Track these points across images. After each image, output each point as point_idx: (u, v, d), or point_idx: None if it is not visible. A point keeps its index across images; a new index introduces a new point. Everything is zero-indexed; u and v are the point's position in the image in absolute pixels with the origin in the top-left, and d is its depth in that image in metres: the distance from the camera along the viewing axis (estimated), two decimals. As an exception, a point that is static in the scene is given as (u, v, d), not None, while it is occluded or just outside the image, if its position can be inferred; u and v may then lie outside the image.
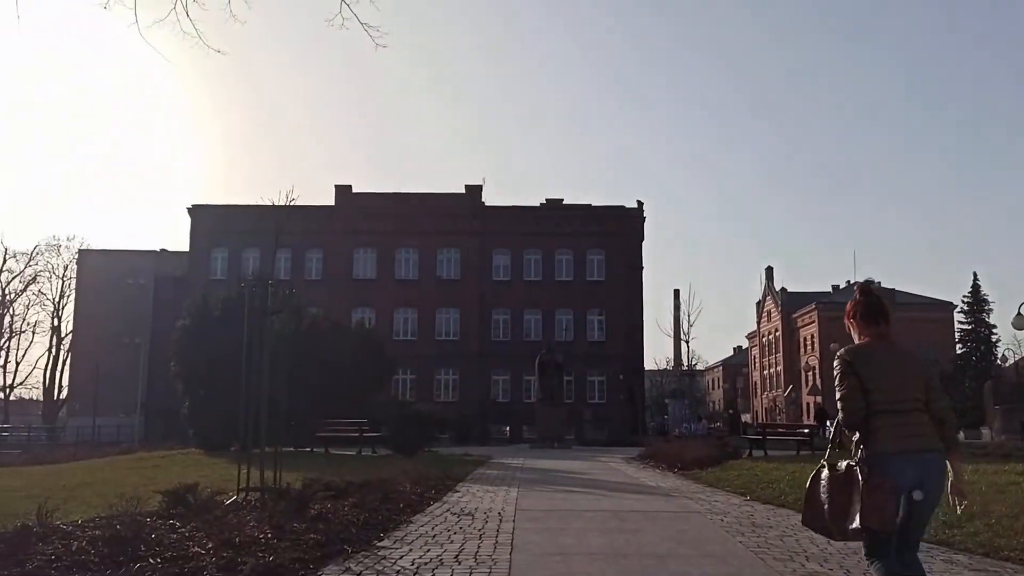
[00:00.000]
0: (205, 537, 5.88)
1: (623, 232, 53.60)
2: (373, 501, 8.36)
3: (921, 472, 3.82)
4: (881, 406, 3.90)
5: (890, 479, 3.73)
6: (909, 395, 3.96)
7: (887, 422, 3.88)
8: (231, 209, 51.91)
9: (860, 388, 3.93)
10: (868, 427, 3.89)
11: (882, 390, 3.93)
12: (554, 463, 18.12)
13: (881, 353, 4.06)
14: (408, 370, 48.14)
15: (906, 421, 3.89)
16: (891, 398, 3.92)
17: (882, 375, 3.97)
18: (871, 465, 3.80)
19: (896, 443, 3.84)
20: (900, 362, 4.06)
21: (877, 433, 3.87)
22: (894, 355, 4.07)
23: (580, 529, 7.14)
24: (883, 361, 4.02)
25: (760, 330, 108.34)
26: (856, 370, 3.97)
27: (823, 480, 4.01)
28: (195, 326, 24.34)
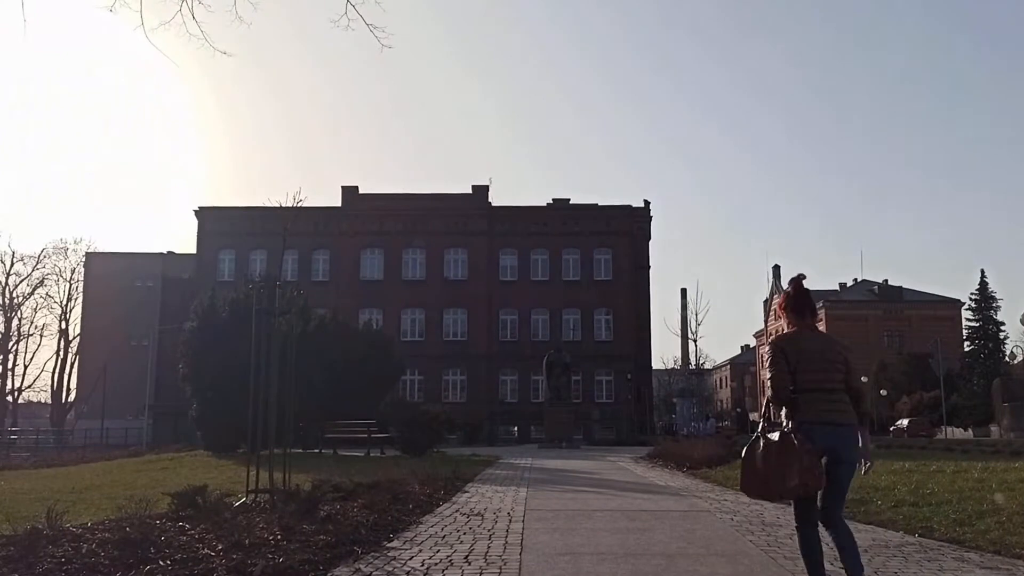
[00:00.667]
0: (215, 539, 5.88)
1: (630, 231, 53.60)
2: (382, 502, 8.35)
3: (836, 441, 4.42)
4: (808, 385, 4.51)
5: (807, 445, 4.34)
6: (831, 376, 4.58)
7: (812, 398, 4.49)
8: (238, 211, 52.07)
9: (788, 370, 4.55)
10: (795, 402, 4.48)
11: (808, 372, 4.54)
12: (563, 463, 18.10)
13: (807, 340, 4.69)
14: (416, 371, 48.19)
15: (828, 398, 4.50)
16: (815, 379, 4.54)
17: (808, 359, 4.57)
18: (798, 431, 4.40)
19: (818, 415, 4.44)
20: (823, 348, 4.68)
21: (803, 407, 4.48)
22: (818, 342, 4.71)
23: (590, 529, 7.13)
24: (809, 347, 4.63)
25: (768, 328, 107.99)
26: (786, 355, 4.58)
27: (759, 449, 4.52)
28: (203, 328, 24.38)
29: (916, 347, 69.69)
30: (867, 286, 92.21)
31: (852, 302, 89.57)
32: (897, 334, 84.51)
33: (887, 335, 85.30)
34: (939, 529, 6.91)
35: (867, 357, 76.89)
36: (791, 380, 4.52)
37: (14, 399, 66.36)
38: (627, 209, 54.18)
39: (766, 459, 4.46)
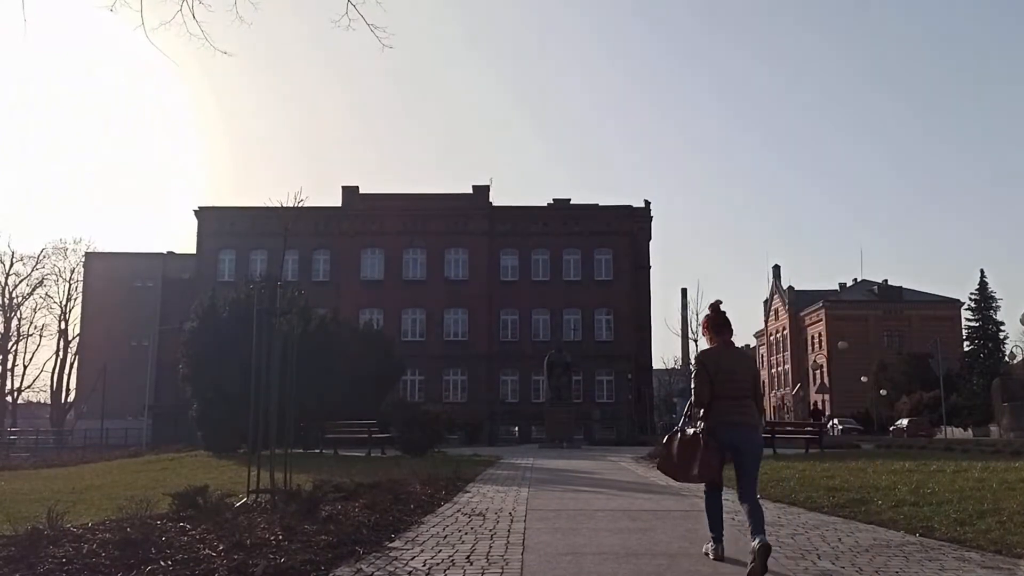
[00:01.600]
0: (216, 539, 5.88)
1: (631, 232, 53.59)
2: (384, 502, 8.35)
3: (739, 437, 5.64)
4: (722, 392, 5.66)
5: (720, 442, 5.58)
6: (740, 386, 5.71)
7: (724, 404, 5.65)
8: (238, 211, 52.08)
9: (708, 380, 5.68)
10: (711, 406, 5.65)
11: (723, 382, 5.68)
12: (564, 463, 18.09)
13: (724, 355, 5.81)
14: (416, 371, 48.19)
15: (737, 405, 5.67)
16: (728, 388, 5.68)
17: (724, 371, 5.70)
18: (710, 432, 5.61)
19: (728, 418, 5.63)
20: (737, 362, 5.82)
21: (715, 410, 5.64)
22: (733, 357, 5.84)
23: (591, 529, 7.12)
24: (725, 361, 5.76)
25: (768, 328, 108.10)
26: (707, 368, 5.72)
27: (676, 442, 5.83)
28: (203, 328, 24.38)
29: (916, 347, 69.70)
30: (867, 286, 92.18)
31: (852, 302, 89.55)
32: (897, 334, 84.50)
33: (887, 335, 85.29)
34: (940, 529, 6.91)
35: (867, 357, 76.99)
36: (708, 382, 5.68)
37: (13, 399, 66.36)
38: (627, 209, 54.17)
39: (679, 451, 5.80)
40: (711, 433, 5.63)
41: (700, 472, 5.65)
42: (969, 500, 8.39)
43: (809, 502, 9.05)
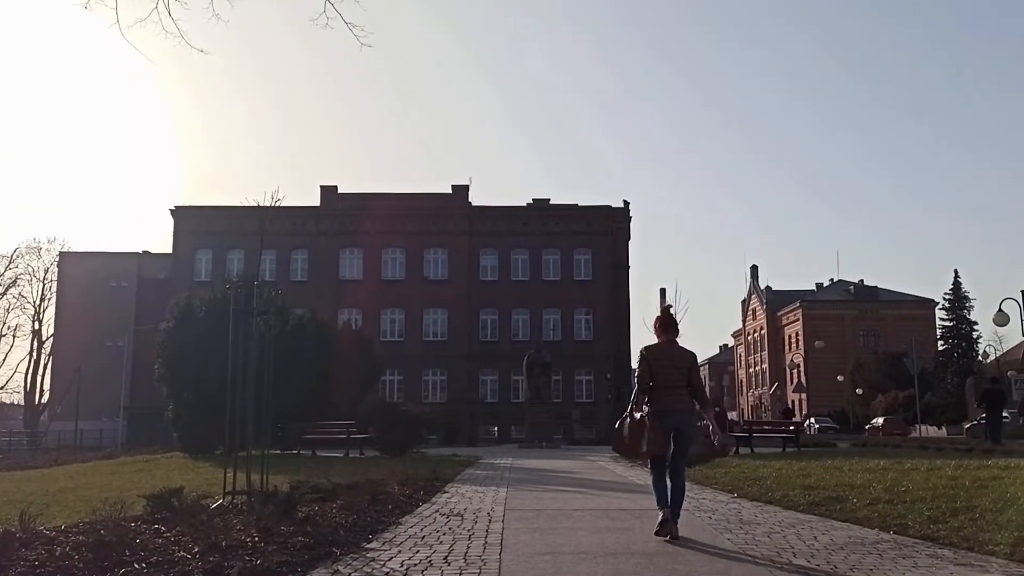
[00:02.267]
0: (191, 541, 5.83)
1: (610, 232, 53.74)
2: (361, 503, 8.32)
3: (677, 421, 6.69)
4: (661, 382, 6.69)
5: (659, 425, 6.59)
6: (677, 378, 6.73)
7: (662, 392, 6.69)
8: (215, 210, 51.70)
9: (649, 371, 6.74)
10: (652, 393, 6.69)
11: (662, 374, 6.71)
12: (543, 463, 18.11)
13: (665, 351, 6.88)
14: (395, 371, 48.08)
15: (673, 392, 6.71)
16: (666, 379, 6.70)
17: (663, 364, 6.76)
18: (652, 416, 6.63)
19: (666, 404, 6.65)
20: (676, 357, 6.84)
21: (656, 398, 6.68)
22: (673, 352, 6.87)
23: (569, 528, 7.13)
24: (665, 356, 6.83)
25: (745, 328, 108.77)
26: (648, 361, 6.79)
27: (627, 424, 6.85)
28: (179, 328, 24.14)
29: (891, 346, 70.42)
30: (843, 286, 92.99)
31: (828, 302, 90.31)
32: (872, 333, 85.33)
33: (863, 334, 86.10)
34: (913, 526, 6.97)
35: (843, 356, 77.74)
36: (651, 378, 6.73)
37: (-13, 401, 65.46)
38: (607, 209, 54.33)
39: (629, 432, 6.83)
40: (656, 416, 6.67)
41: (649, 449, 6.67)
42: (942, 498, 8.47)
43: (785, 500, 9.11)
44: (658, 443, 6.60)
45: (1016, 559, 5.58)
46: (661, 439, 6.61)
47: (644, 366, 6.84)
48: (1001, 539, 6.17)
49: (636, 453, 7.01)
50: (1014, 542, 6.03)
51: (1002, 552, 5.80)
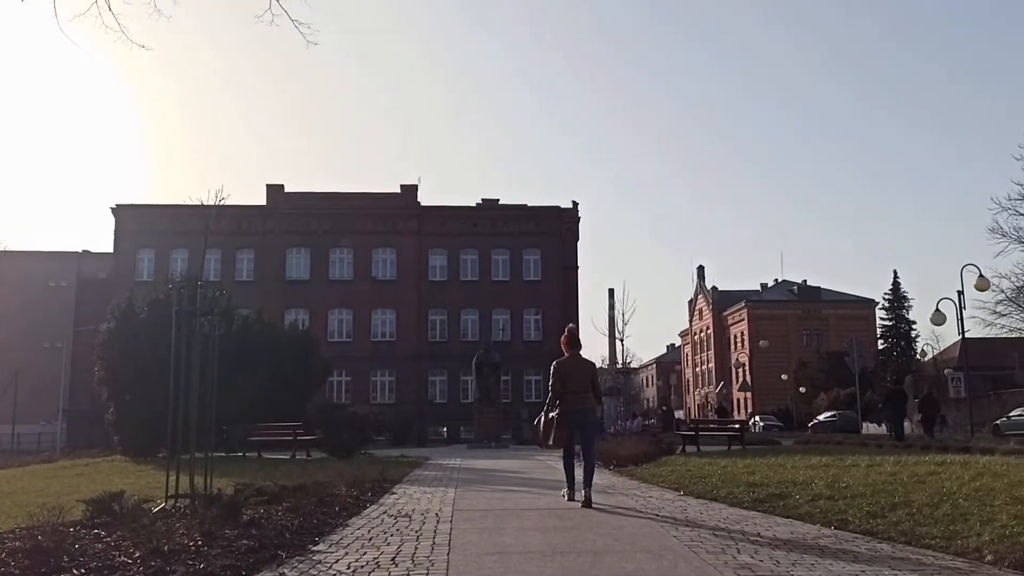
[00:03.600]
0: (132, 546, 5.71)
1: (559, 232, 53.94)
2: (308, 505, 8.23)
3: (581, 418, 8.83)
4: (570, 387, 8.78)
5: (569, 422, 8.72)
6: (582, 384, 8.83)
7: (571, 396, 8.76)
8: (158, 209, 50.74)
9: (560, 380, 8.79)
10: (562, 397, 8.78)
11: (569, 382, 8.80)
12: (492, 463, 18.12)
13: (572, 363, 8.94)
14: (343, 372, 47.70)
15: (579, 396, 8.79)
16: (573, 386, 8.80)
17: (570, 375, 8.83)
18: (560, 416, 8.76)
19: (574, 405, 8.77)
20: (580, 368, 8.95)
21: (565, 401, 8.76)
22: (579, 364, 8.97)
23: (518, 528, 7.15)
24: (572, 368, 8.90)
25: (692, 328, 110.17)
26: (559, 371, 8.85)
27: (541, 421, 9.00)
28: (120, 329, 23.64)
29: (833, 345, 71.97)
30: (787, 286, 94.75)
31: (772, 302, 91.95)
32: (815, 333, 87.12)
33: (806, 333, 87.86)
34: (853, 521, 7.13)
35: (787, 355, 79.17)
36: (561, 385, 8.80)
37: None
38: (556, 210, 54.55)
39: (543, 428, 8.96)
40: (563, 415, 8.77)
41: (555, 442, 8.84)
42: (881, 493, 8.68)
43: (730, 498, 9.25)
44: (562, 437, 8.80)
45: (951, 552, 5.75)
46: (564, 434, 8.79)
47: (556, 377, 8.86)
48: (936, 533, 6.35)
49: (545, 444, 9.02)
50: (948, 535, 6.21)
51: (937, 545, 5.98)
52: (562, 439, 8.76)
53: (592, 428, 9.01)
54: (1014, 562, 5.16)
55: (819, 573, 5.06)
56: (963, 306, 31.21)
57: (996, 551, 5.50)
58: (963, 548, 5.78)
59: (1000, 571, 5.10)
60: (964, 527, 6.46)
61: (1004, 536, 5.95)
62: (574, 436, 8.86)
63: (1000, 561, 5.28)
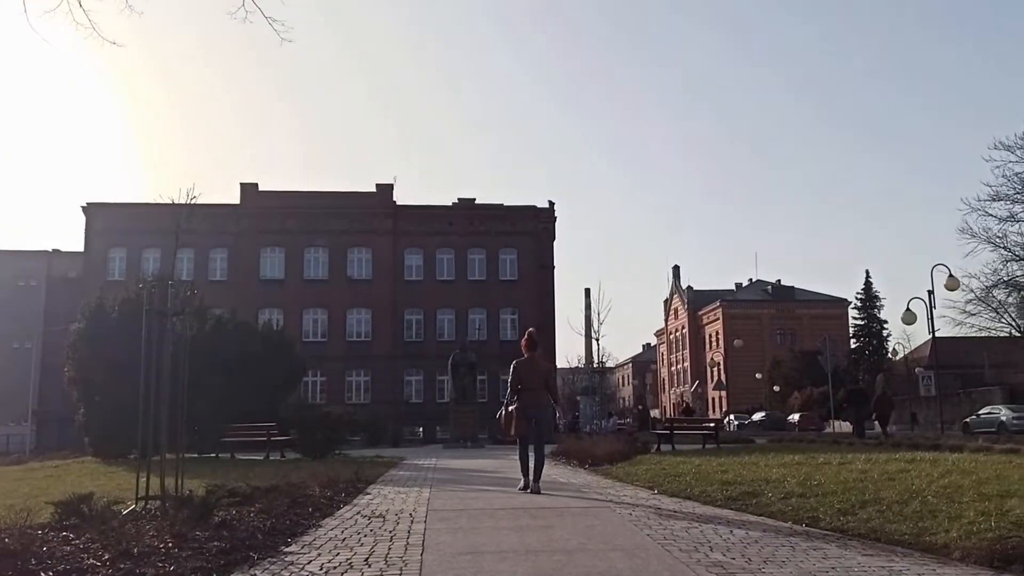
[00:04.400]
0: (101, 548, 5.63)
1: (535, 232, 54.03)
2: (280, 506, 8.16)
3: (537, 412, 9.94)
4: (527, 386, 9.93)
5: (524, 415, 9.80)
6: (537, 383, 9.97)
7: (527, 393, 9.92)
8: (129, 207, 50.18)
9: (518, 379, 9.94)
10: (520, 394, 9.89)
11: (525, 380, 9.93)
12: (467, 462, 18.10)
13: (529, 364, 10.06)
14: (318, 372, 47.48)
15: (534, 393, 9.97)
16: (530, 384, 9.94)
17: (526, 373, 9.96)
18: (519, 410, 9.83)
19: (529, 401, 9.92)
20: (535, 368, 10.02)
21: (523, 397, 9.89)
22: (534, 365, 10.06)
23: (492, 527, 7.14)
24: (528, 368, 10.02)
25: (668, 327, 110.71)
26: (517, 370, 9.99)
27: (503, 415, 10.08)
28: (90, 329, 23.38)
29: (806, 344, 72.63)
30: (761, 286, 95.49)
31: (747, 301, 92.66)
32: (789, 332, 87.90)
33: (780, 333, 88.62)
34: (825, 519, 7.19)
35: (761, 354, 79.81)
36: (519, 382, 9.96)
37: None
38: (532, 209, 54.61)
39: (505, 420, 10.09)
40: (521, 409, 9.92)
41: (515, 432, 9.99)
42: (852, 491, 8.76)
43: (704, 496, 9.29)
44: (521, 428, 9.93)
45: (919, 549, 5.81)
46: (524, 425, 9.91)
47: (514, 375, 10.05)
48: (906, 529, 6.42)
49: (507, 434, 10.12)
50: (917, 532, 6.28)
51: (906, 542, 6.04)
52: (522, 429, 9.91)
53: (546, 422, 10.37)
54: (981, 558, 5.23)
55: (790, 570, 5.10)
56: (933, 306, 31.63)
57: (963, 548, 5.57)
58: (931, 544, 5.85)
59: (967, 567, 5.17)
60: (933, 524, 6.53)
61: (971, 533, 6.02)
62: (531, 428, 9.96)
63: (967, 557, 5.34)
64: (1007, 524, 6.05)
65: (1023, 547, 5.13)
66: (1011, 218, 48.17)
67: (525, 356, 10.11)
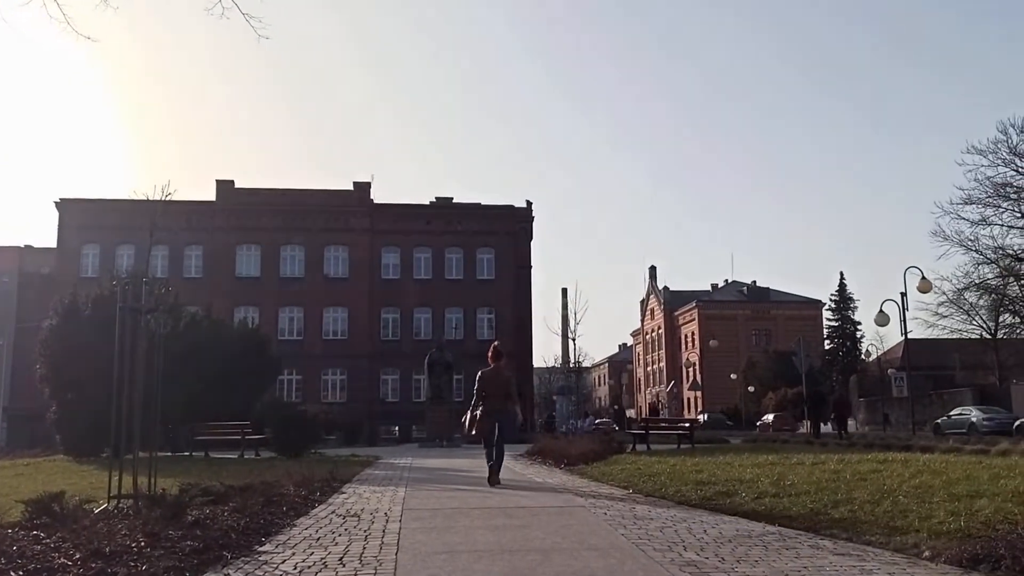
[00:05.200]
0: (72, 548, 5.57)
1: (512, 231, 54.04)
2: (254, 505, 8.11)
3: (499, 417, 11.25)
4: (491, 393, 11.31)
5: (487, 419, 11.19)
6: (498, 390, 11.34)
7: (491, 399, 11.29)
8: (103, 203, 49.65)
9: (482, 387, 11.31)
10: (485, 400, 11.26)
11: (489, 388, 11.34)
12: (442, 462, 18.10)
13: (493, 373, 11.42)
14: (294, 370, 47.22)
15: (496, 399, 11.30)
16: (493, 391, 11.33)
17: (491, 382, 11.36)
18: (483, 414, 11.21)
19: (493, 407, 11.25)
20: (498, 377, 11.38)
21: (486, 404, 11.25)
22: (498, 374, 11.43)
23: (467, 527, 7.14)
24: (492, 377, 11.39)
25: (644, 328, 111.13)
26: (482, 379, 11.38)
27: (468, 417, 11.51)
28: (63, 326, 23.09)
29: (781, 345, 73.13)
30: (737, 287, 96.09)
31: (722, 302, 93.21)
32: (764, 333, 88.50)
33: (755, 334, 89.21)
34: (797, 518, 7.26)
35: (736, 355, 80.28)
36: (483, 390, 11.28)
37: None
38: (509, 209, 54.62)
39: (470, 422, 11.46)
40: (485, 413, 11.30)
41: (478, 433, 11.42)
42: (825, 491, 8.85)
43: (678, 496, 9.35)
44: (484, 429, 11.32)
45: (890, 548, 5.88)
46: (487, 427, 11.30)
47: (479, 384, 11.46)
48: (877, 529, 6.50)
49: (470, 434, 11.67)
50: (888, 532, 6.36)
51: (877, 542, 6.11)
52: (485, 430, 11.28)
53: (507, 424, 11.64)
54: (950, 558, 5.30)
55: (763, 570, 5.14)
56: (906, 307, 31.99)
57: (933, 547, 5.64)
58: (902, 544, 5.92)
59: (937, 566, 5.23)
60: (904, 523, 6.62)
61: (941, 532, 6.11)
62: (494, 429, 11.26)
63: (937, 557, 5.41)
64: (976, 524, 6.14)
65: (991, 547, 5.20)
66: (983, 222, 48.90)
67: (491, 366, 11.54)
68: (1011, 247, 49.35)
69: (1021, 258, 49.29)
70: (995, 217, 48.86)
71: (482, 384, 11.37)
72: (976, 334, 53.11)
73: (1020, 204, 48.38)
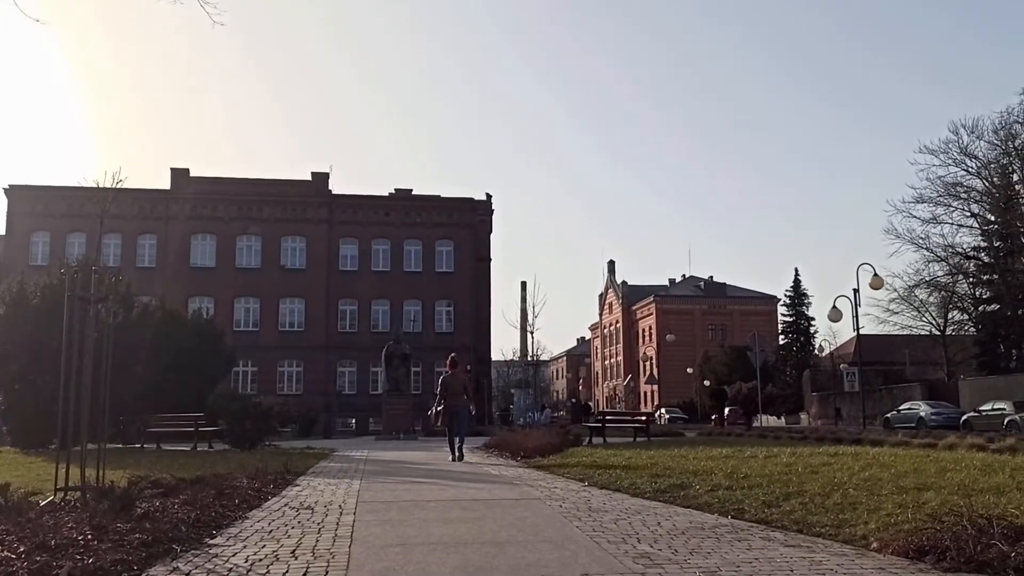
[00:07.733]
0: (16, 540, 5.44)
1: (472, 224, 53.95)
2: (206, 498, 8.00)
3: (457, 411, 15.30)
4: (451, 392, 15.40)
5: (449, 413, 15.29)
6: (458, 390, 15.45)
7: (452, 397, 15.33)
8: (53, 190, 48.59)
9: (444, 388, 15.45)
10: (446, 398, 15.32)
11: (449, 389, 15.43)
12: (399, 454, 18.03)
13: (452, 378, 15.56)
14: (249, 362, 46.76)
15: (457, 397, 15.36)
16: (452, 391, 15.43)
17: (450, 384, 15.46)
18: (444, 409, 15.33)
19: (453, 403, 15.30)
20: (456, 380, 15.53)
21: (448, 401, 15.31)
22: (455, 378, 15.54)
23: (422, 519, 7.11)
24: (452, 380, 15.52)
25: (602, 321, 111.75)
26: (444, 382, 15.58)
27: (433, 412, 15.96)
28: (10, 315, 22.53)
29: (737, 340, 74.05)
30: (694, 282, 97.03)
31: (679, 297, 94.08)
32: (720, 327, 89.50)
33: (711, 328, 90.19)
34: (750, 511, 7.34)
35: (692, 349, 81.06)
36: (445, 391, 15.28)
37: None
38: (469, 201, 54.51)
39: (434, 417, 15.91)
40: (445, 409, 15.01)
41: (441, 423, 15.30)
42: (777, 483, 8.98)
43: (633, 488, 9.41)
44: (446, 421, 15.09)
45: (840, 540, 5.98)
46: (448, 419, 15.02)
47: (442, 386, 15.27)
48: (827, 521, 6.60)
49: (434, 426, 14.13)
50: (838, 524, 6.47)
51: (827, 533, 6.21)
52: (446, 422, 15.21)
53: (463, 416, 15.25)
54: (897, 549, 5.40)
55: (715, 560, 5.19)
56: (858, 304, 32.52)
57: (881, 539, 5.74)
58: (851, 536, 6.02)
59: (884, 557, 5.33)
60: (853, 515, 6.73)
61: (889, 524, 6.22)
62: (453, 421, 15.03)
63: (884, 548, 5.51)
64: (923, 516, 6.26)
65: (937, 538, 5.30)
66: (933, 220, 50.00)
67: (450, 372, 15.47)
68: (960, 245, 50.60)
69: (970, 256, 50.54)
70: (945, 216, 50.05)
71: (443, 387, 15.24)
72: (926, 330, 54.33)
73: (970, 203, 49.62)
